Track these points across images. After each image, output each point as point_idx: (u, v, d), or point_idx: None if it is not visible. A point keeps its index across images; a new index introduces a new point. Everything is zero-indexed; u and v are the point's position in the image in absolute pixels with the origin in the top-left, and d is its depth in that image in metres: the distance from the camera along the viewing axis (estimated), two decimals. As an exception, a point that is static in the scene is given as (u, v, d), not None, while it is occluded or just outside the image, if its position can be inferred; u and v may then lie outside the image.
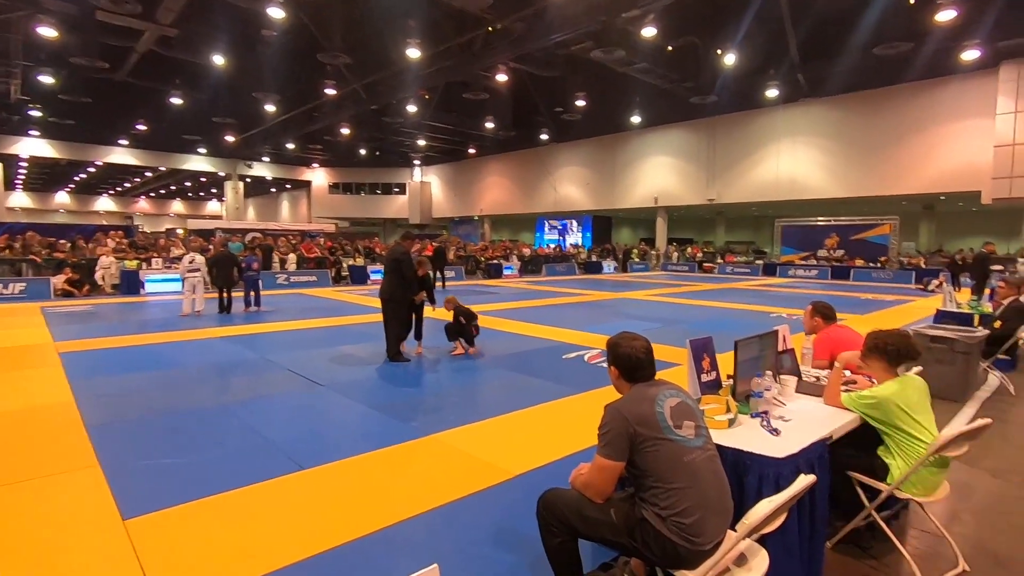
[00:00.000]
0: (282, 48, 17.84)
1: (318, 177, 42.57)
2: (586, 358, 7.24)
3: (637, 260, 28.73)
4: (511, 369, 6.75)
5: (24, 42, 16.88)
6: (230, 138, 30.38)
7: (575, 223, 36.80)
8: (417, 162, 42.16)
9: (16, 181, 42.86)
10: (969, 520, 3.19)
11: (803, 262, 25.54)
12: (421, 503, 3.19)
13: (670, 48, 19.27)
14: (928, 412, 2.69)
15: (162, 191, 52.32)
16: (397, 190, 43.64)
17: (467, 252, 25.82)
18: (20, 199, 46.96)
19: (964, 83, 20.01)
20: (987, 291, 8.18)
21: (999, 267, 19.81)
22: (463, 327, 7.52)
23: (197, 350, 7.84)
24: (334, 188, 43.10)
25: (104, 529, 2.90)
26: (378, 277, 19.54)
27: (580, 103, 24.53)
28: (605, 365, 6.79)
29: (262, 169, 39.12)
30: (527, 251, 27.64)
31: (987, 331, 6.13)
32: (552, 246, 32.89)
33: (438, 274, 16.31)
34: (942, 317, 7.11)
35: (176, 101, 22.59)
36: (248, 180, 40.25)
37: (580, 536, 2.12)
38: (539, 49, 17.87)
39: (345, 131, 29.14)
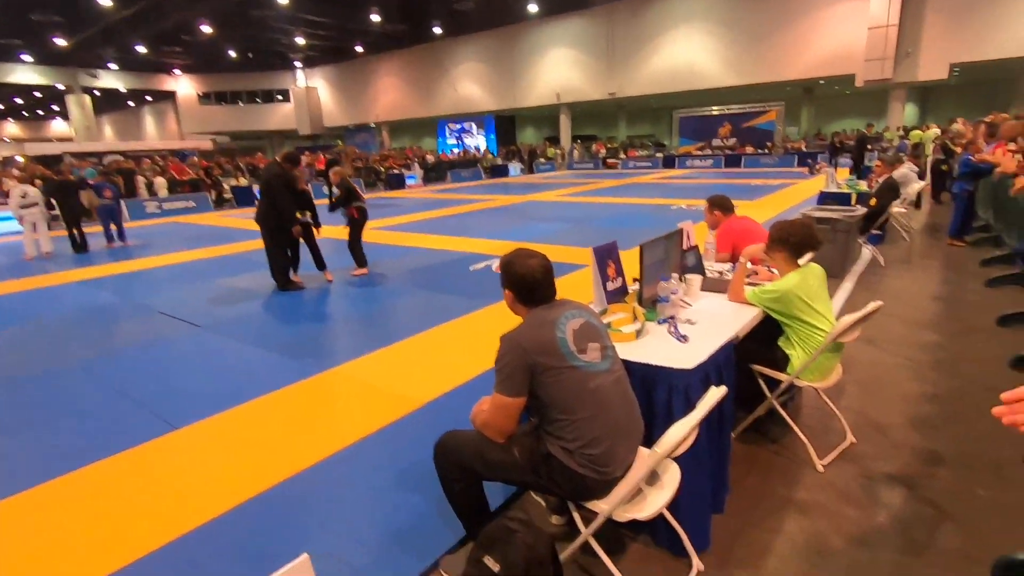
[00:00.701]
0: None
1: (184, 86, 37.20)
2: (494, 267, 7.00)
3: (543, 160, 28.33)
4: (417, 286, 6.40)
5: None
6: (61, 41, 25.32)
7: (476, 125, 35.28)
8: (299, 64, 37.86)
9: None
10: (854, 392, 3.40)
11: (700, 152, 26.35)
12: (318, 450, 2.89)
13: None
14: (826, 300, 2.69)
15: (-15, 111, 43.79)
16: (280, 97, 39.32)
17: (367, 163, 24.13)
18: None
19: (844, -37, 20.31)
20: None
21: (869, 147, 21.52)
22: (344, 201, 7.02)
23: (48, 299, 6.75)
24: (205, 98, 38.02)
25: (-87, 539, 2.37)
26: (267, 197, 17.88)
27: (472, -11, 22.57)
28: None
29: (112, 79, 33.41)
30: (430, 158, 26.32)
31: (864, 209, 6.52)
32: (457, 151, 31.51)
33: (335, 190, 15.08)
34: (825, 198, 7.47)
35: (-28, -7, 18.17)
36: (97, 93, 34.34)
37: (482, 479, 1.93)
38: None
39: (207, 29, 25.15)
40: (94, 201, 10.43)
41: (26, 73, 30.19)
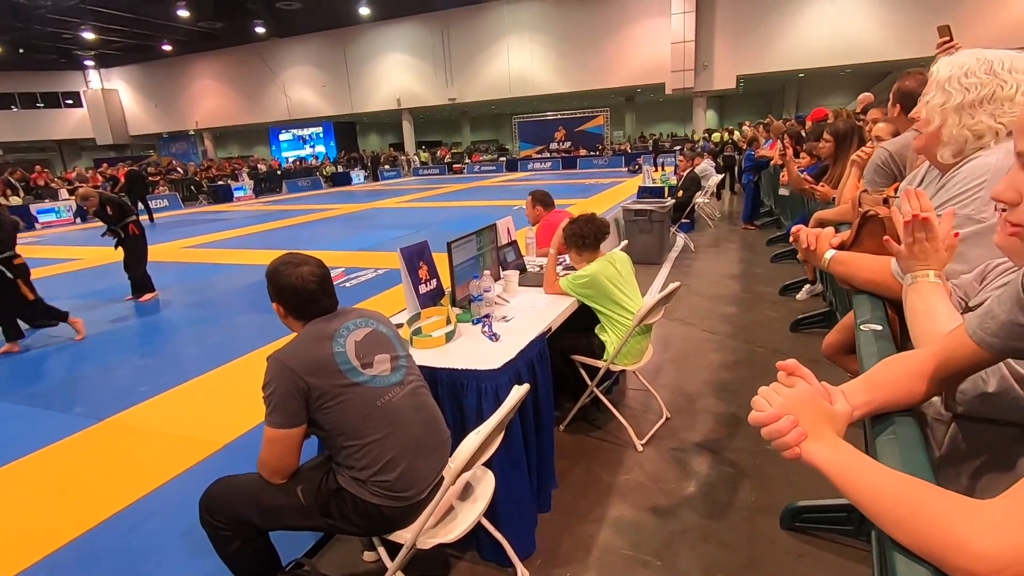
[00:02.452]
0: None
1: (-75, 87, 30.01)
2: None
3: (388, 168, 27.62)
4: (229, 311, 5.70)
5: None
6: None
7: (314, 131, 33.34)
8: (90, 63, 32.56)
9: None
10: (670, 369, 3.63)
11: (539, 155, 27.62)
12: (79, 521, 2.33)
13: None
14: (633, 284, 2.79)
15: None
16: (70, 102, 33.44)
17: (182, 174, 21.45)
18: None
19: (648, -17, 22.64)
20: (671, 168, 9.74)
21: (679, 147, 24.20)
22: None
23: None
24: (-39, 102, 31.05)
25: None
26: (50, 217, 15.11)
27: (295, -12, 21.20)
28: (348, 285, 6.17)
29: None
30: (262, 167, 24.22)
31: (673, 200, 7.19)
32: (298, 160, 29.40)
33: (139, 205, 13.12)
34: (643, 193, 8.12)
35: None
36: None
37: (264, 530, 1.63)
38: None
39: (-49, 17, 20.51)
40: None
41: None
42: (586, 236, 2.69)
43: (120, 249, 6.10)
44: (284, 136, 34.31)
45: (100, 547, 2.21)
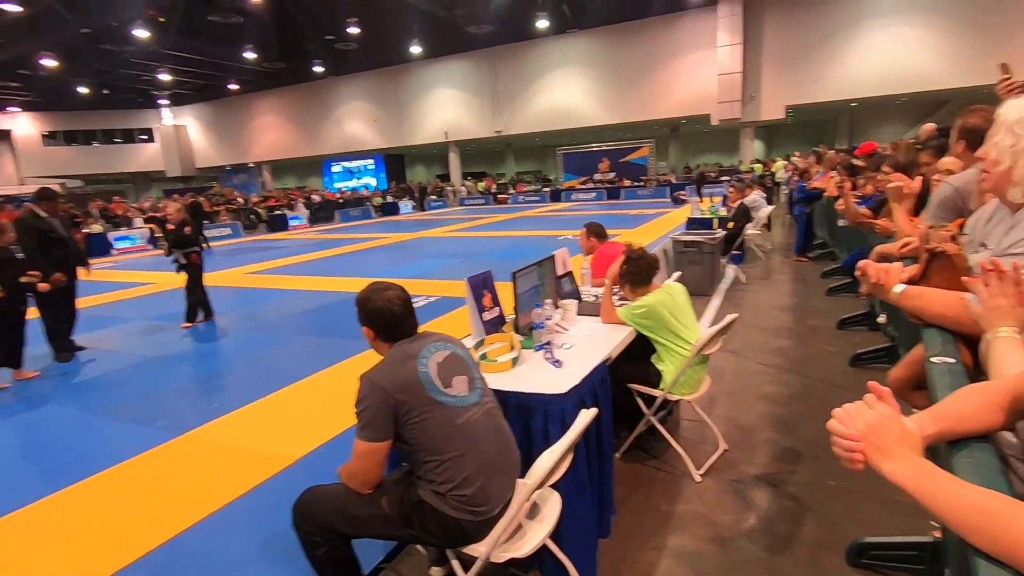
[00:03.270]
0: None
1: (22, 125, 33.00)
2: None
3: (435, 198, 28.43)
4: (293, 333, 6.00)
5: None
6: None
7: (366, 164, 34.74)
8: (165, 102, 35.17)
9: None
10: (724, 401, 3.62)
11: (583, 186, 27.87)
12: (167, 528, 2.51)
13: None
14: (690, 314, 2.84)
15: None
16: (144, 137, 36.10)
17: (243, 203, 22.69)
18: None
19: (694, 18, 22.88)
20: (719, 198, 9.70)
21: (727, 178, 24.00)
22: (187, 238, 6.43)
23: None
24: (51, 138, 33.95)
25: None
26: (125, 244, 16.20)
27: (353, 30, 22.47)
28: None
29: (-77, 117, 28.88)
30: (316, 197, 25.37)
31: (724, 232, 7.16)
32: (348, 191, 30.66)
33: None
34: (691, 224, 8.12)
35: None
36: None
37: (350, 537, 1.76)
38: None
39: (50, 63, 22.63)
40: None
41: None
42: (639, 273, 2.78)
43: (183, 274, 6.51)
44: (336, 168, 35.88)
45: (188, 553, 2.37)
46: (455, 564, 1.75)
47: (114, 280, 10.36)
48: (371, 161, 34.47)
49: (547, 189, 28.57)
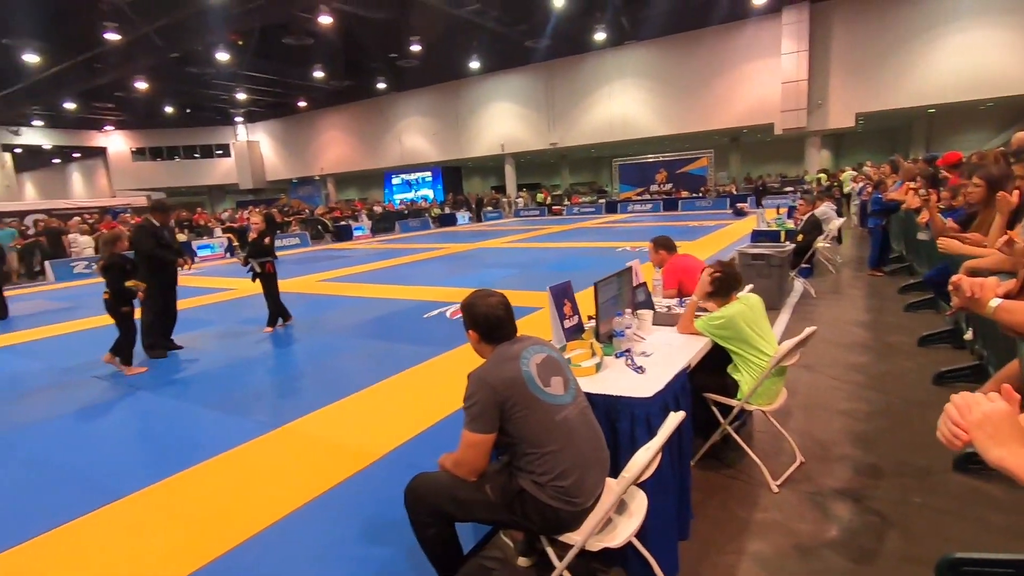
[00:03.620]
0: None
1: (115, 142, 36.00)
2: (448, 314, 7.03)
3: (490, 209, 28.91)
4: (368, 337, 6.32)
5: None
6: (-21, 99, 24.20)
7: (423, 175, 35.77)
8: (240, 119, 37.53)
9: None
10: (799, 414, 3.59)
11: (639, 197, 27.64)
12: (274, 511, 2.77)
13: (501, -12, 18.91)
14: (766, 326, 2.88)
15: None
16: (220, 152, 38.61)
17: (310, 215, 23.86)
18: None
19: (756, 26, 22.42)
20: (784, 210, 9.43)
21: (791, 188, 23.23)
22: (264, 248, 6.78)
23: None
24: (139, 154, 36.85)
25: None
26: (206, 253, 17.34)
27: (415, 48, 23.34)
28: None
29: (36, 136, 32.00)
30: (378, 208, 26.35)
31: (792, 244, 7.02)
32: (408, 203, 31.69)
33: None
34: (757, 236, 7.99)
35: None
36: (18, 151, 32.72)
37: (455, 520, 1.92)
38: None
39: (142, 85, 24.68)
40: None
41: (-61, 131, 28.52)
42: (726, 285, 2.83)
43: (258, 282, 6.87)
44: (396, 180, 37.10)
45: (293, 534, 2.61)
46: (549, 551, 1.89)
47: (199, 285, 11.16)
48: (429, 173, 35.47)
49: (602, 200, 28.52)
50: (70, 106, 27.05)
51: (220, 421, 4.09)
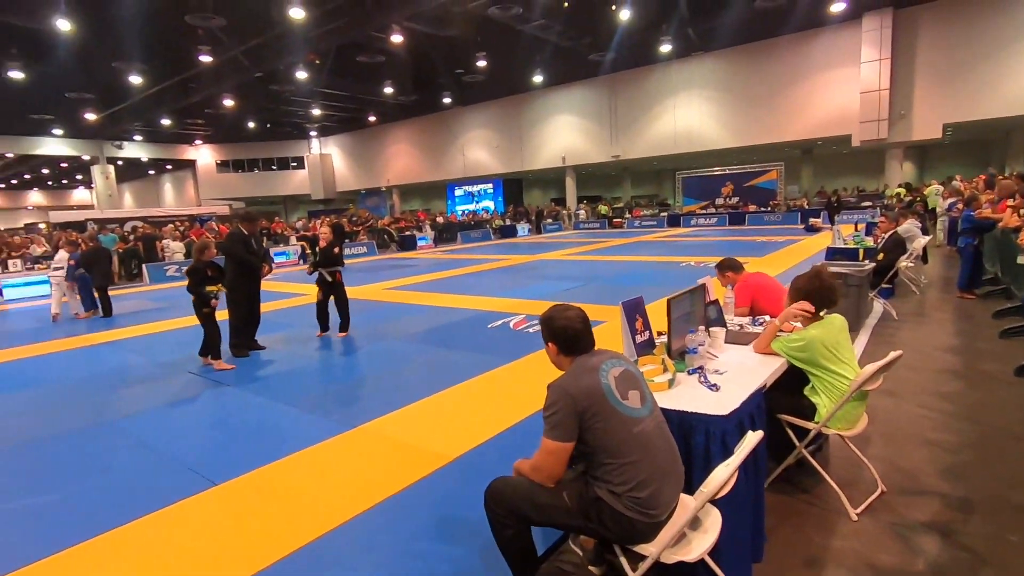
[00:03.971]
0: (142, 9, 15.70)
1: (203, 155, 38.86)
2: (511, 325, 7.15)
3: (550, 221, 29.02)
4: (435, 345, 6.52)
5: None
6: (91, 116, 26.77)
7: (485, 188, 36.40)
8: (314, 133, 39.59)
9: None
10: (879, 441, 3.44)
11: (703, 211, 26.96)
12: (354, 505, 2.94)
13: (566, 4, 19.07)
14: (849, 348, 2.80)
15: (14, 181, 45.56)
16: (295, 164, 40.88)
17: (375, 225, 24.79)
18: None
19: (833, 34, 21.49)
20: (863, 225, 8.95)
21: (868, 203, 22.04)
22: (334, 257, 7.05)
23: (74, 360, 6.93)
24: (223, 166, 39.58)
25: (-33, 594, 2.42)
26: (282, 259, 18.34)
27: (481, 63, 23.90)
28: (531, 331, 6.71)
29: (135, 149, 35.03)
30: (440, 219, 27.04)
31: (872, 263, 6.69)
32: (469, 214, 32.37)
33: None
34: (832, 254, 7.66)
35: (16, 75, 19.40)
36: (120, 163, 35.95)
37: (533, 524, 2.00)
38: (434, 6, 17.01)
39: (229, 103, 26.57)
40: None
41: (56, 145, 31.73)
42: (812, 301, 2.76)
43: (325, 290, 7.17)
44: (458, 191, 37.94)
45: (371, 527, 2.77)
46: (623, 561, 1.93)
47: (276, 290, 11.85)
48: (490, 185, 36.05)
49: (665, 214, 28.03)
50: (166, 122, 29.47)
51: (301, 419, 4.36)
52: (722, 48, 23.58)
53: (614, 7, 18.73)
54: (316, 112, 32.30)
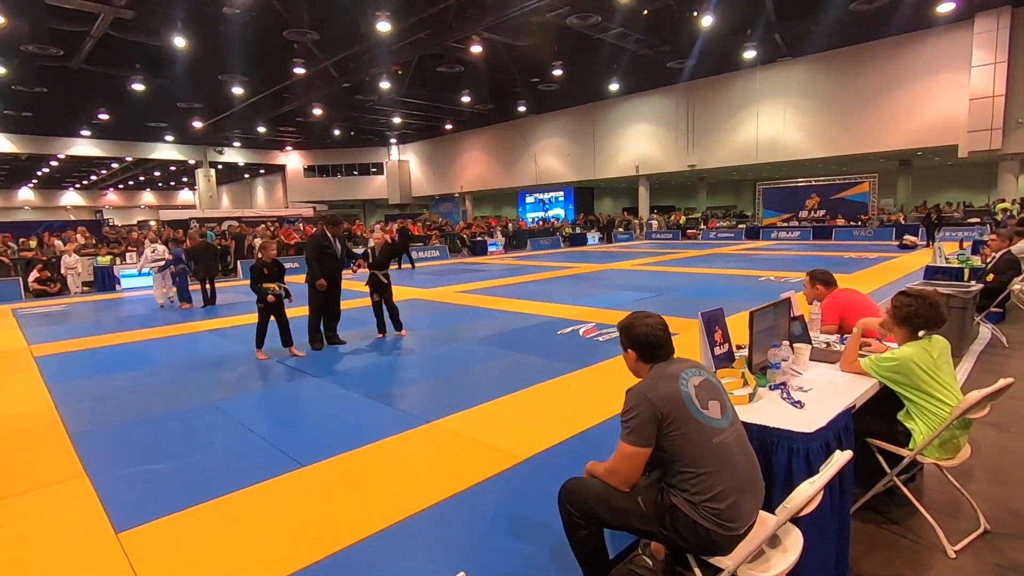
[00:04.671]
0: (246, 26, 17.08)
1: (292, 160, 41.49)
2: (581, 332, 7.15)
3: (621, 230, 28.64)
4: (506, 348, 6.63)
5: (-32, 30, 15.94)
6: (198, 124, 29.34)
7: (556, 195, 36.48)
8: (393, 140, 41.28)
9: (-25, 179, 41.21)
10: (982, 477, 3.18)
11: (785, 224, 25.68)
12: (430, 495, 3.07)
13: (646, 12, 18.87)
14: (950, 372, 2.62)
15: (131, 182, 50.62)
16: (375, 170, 42.76)
17: (447, 230, 25.44)
18: (-20, 198, 45.26)
19: (940, 37, 19.92)
20: (968, 243, 8.21)
21: (976, 219, 20.19)
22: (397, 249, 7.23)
23: (180, 346, 7.61)
24: (309, 171, 42.08)
25: (98, 544, 2.74)
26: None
27: (557, 72, 24.06)
28: (601, 339, 6.68)
29: (234, 155, 37.99)
30: (511, 226, 27.39)
31: (980, 284, 6.15)
32: (540, 222, 32.57)
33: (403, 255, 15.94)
34: (932, 273, 7.12)
35: (138, 87, 21.61)
36: (219, 167, 39.09)
37: (607, 526, 2.02)
38: (513, 17, 17.34)
39: (318, 112, 28.27)
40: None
41: (168, 151, 34.98)
42: (914, 321, 2.59)
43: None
44: (529, 199, 38.26)
45: (447, 519, 2.88)
46: (697, 571, 1.91)
47: (354, 289, 12.45)
48: (561, 193, 36.10)
49: (743, 226, 26.94)
50: (261, 129, 31.76)
51: (380, 411, 4.59)
52: (812, 53, 22.43)
53: (696, 13, 18.33)
54: (396, 120, 33.66)
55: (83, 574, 2.53)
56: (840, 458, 1.81)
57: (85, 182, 49.19)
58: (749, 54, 22.00)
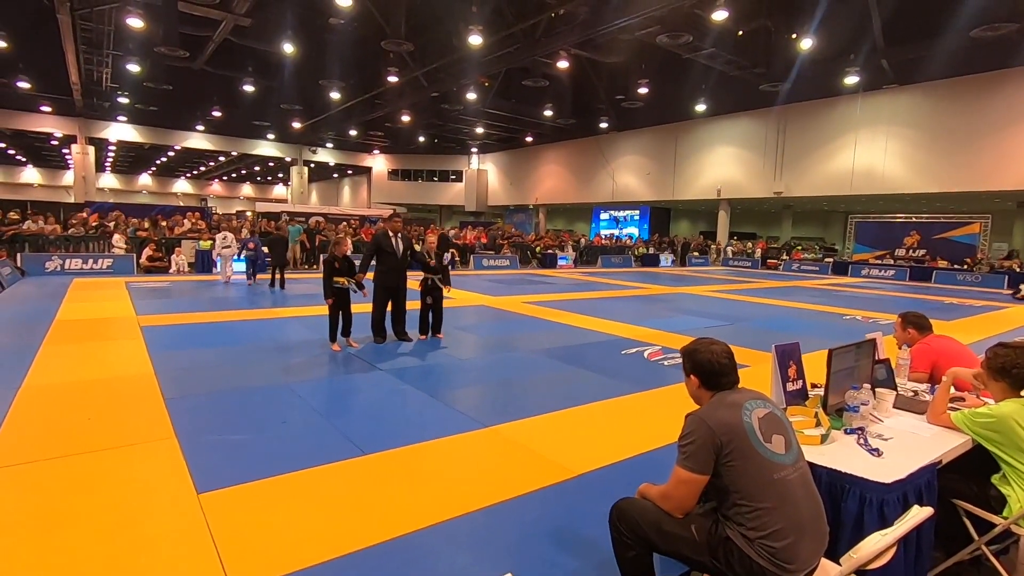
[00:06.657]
0: (348, 36, 18.21)
1: (378, 163, 43.50)
2: (646, 354, 7.01)
3: (696, 255, 27.79)
4: (567, 362, 6.61)
5: (114, 32, 17.98)
6: (297, 124, 31.43)
7: (631, 213, 35.98)
8: (474, 149, 42.32)
9: (105, 163, 46.14)
10: (1091, 560, 2.83)
11: (878, 261, 23.98)
12: (482, 497, 3.13)
13: (741, 32, 18.35)
14: (1058, 438, 2.37)
15: (233, 175, 54.95)
16: (454, 177, 44.00)
17: (518, 240, 25.70)
18: (108, 180, 50.55)
19: (1077, 68, 18.02)
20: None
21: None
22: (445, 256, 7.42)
23: (263, 329, 8.15)
24: (393, 174, 43.93)
25: (179, 502, 3.00)
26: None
27: (643, 90, 23.82)
28: (667, 363, 6.54)
29: (325, 155, 40.35)
30: (583, 241, 27.29)
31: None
32: (611, 237, 32.26)
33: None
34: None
35: (248, 88, 23.50)
36: (312, 165, 41.65)
37: (656, 551, 1.99)
38: (603, 34, 17.39)
39: (406, 118, 29.54)
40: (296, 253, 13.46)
41: (268, 148, 37.68)
42: (1014, 373, 2.38)
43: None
44: (603, 215, 37.98)
45: (495, 522, 2.93)
46: (750, 613, 1.84)
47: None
48: (637, 212, 35.58)
49: (830, 259, 25.41)
50: (352, 133, 33.58)
51: (440, 409, 4.72)
52: (922, 81, 20.93)
53: (795, 36, 17.62)
54: (479, 130, 34.51)
55: (165, 526, 2.78)
56: (919, 513, 1.70)
57: (194, 172, 53.92)
58: (851, 79, 20.83)
